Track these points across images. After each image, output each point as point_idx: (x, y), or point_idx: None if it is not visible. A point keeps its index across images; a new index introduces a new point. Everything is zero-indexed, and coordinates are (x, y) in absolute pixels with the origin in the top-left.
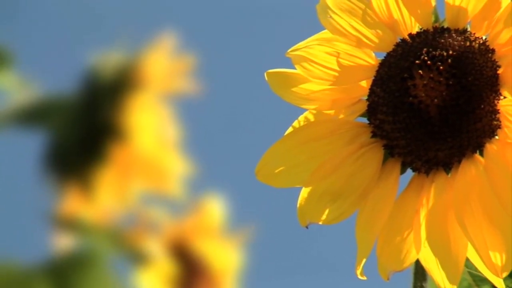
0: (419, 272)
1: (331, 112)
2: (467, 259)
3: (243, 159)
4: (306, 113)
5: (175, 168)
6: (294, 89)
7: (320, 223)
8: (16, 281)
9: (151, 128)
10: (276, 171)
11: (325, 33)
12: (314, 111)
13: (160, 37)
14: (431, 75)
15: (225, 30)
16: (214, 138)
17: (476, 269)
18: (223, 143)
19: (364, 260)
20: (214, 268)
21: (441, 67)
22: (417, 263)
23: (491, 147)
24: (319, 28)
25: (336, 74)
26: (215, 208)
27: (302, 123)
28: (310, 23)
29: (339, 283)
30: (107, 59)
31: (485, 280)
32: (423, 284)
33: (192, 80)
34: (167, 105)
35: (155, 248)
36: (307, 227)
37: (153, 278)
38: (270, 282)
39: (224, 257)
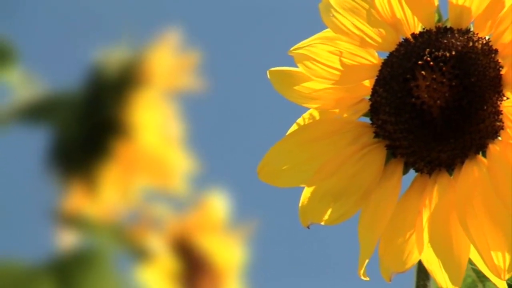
0: (422, 270)
1: (334, 111)
2: None
3: (246, 155)
4: (309, 111)
5: (179, 165)
6: (296, 87)
7: (322, 223)
8: (20, 279)
9: (155, 124)
10: (278, 170)
11: (328, 32)
12: (317, 110)
13: (164, 33)
14: (434, 76)
15: (229, 27)
16: (217, 134)
17: None
18: (227, 140)
19: (366, 261)
20: (217, 264)
21: (443, 68)
22: (420, 262)
23: (494, 148)
24: (322, 26)
25: (339, 73)
26: (218, 204)
27: (305, 121)
28: (313, 22)
29: (342, 280)
30: (112, 55)
31: None
32: (426, 283)
33: (196, 77)
34: (171, 102)
35: (158, 244)
36: (308, 227)
37: (156, 274)
38: (273, 278)
39: (227, 253)
